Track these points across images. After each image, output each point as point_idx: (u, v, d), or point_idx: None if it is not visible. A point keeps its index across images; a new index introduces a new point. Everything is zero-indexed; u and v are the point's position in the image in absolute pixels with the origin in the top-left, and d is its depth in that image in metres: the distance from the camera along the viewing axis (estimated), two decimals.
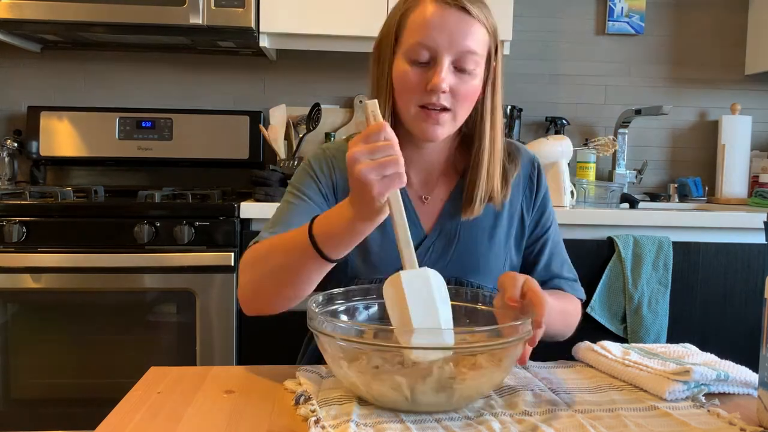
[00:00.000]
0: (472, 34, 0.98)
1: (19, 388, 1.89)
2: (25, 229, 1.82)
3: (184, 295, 1.88)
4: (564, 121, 2.57)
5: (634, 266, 1.97)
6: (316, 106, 2.41)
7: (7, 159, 2.37)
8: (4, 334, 1.87)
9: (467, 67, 0.98)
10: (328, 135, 2.45)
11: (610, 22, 2.64)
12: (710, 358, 0.96)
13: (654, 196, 2.62)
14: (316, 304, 0.86)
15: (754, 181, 2.57)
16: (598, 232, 2.01)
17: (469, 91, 1.00)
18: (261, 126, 2.41)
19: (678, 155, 2.72)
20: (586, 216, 2.01)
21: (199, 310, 1.88)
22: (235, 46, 2.41)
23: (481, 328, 0.82)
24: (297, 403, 0.79)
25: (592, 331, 1.97)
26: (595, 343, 1.01)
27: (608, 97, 2.68)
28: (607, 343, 1.00)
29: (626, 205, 2.43)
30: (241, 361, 1.91)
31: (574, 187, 2.23)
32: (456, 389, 0.75)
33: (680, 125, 2.71)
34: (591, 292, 1.98)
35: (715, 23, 2.68)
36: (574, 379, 0.91)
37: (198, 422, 0.74)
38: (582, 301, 1.17)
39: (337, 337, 0.75)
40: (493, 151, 1.06)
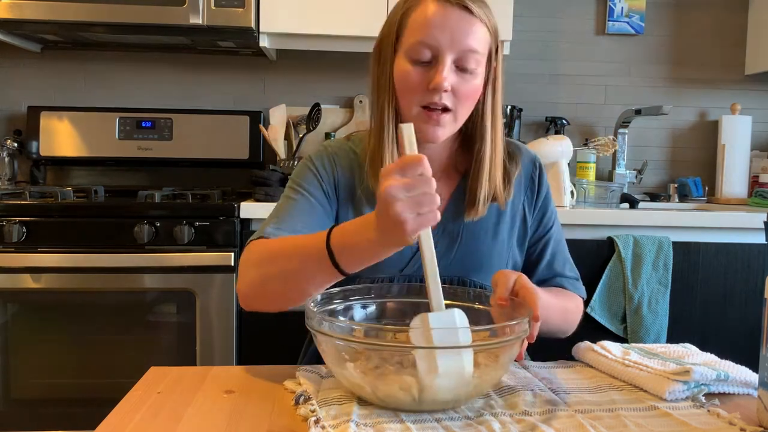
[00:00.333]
0: (473, 33, 0.97)
1: (19, 388, 1.89)
2: (25, 229, 1.82)
3: (184, 295, 1.88)
4: (564, 121, 2.57)
5: (634, 266, 1.97)
6: (316, 106, 2.41)
7: (7, 159, 2.37)
8: (4, 334, 1.87)
9: (469, 66, 0.98)
10: (328, 135, 2.45)
11: (610, 22, 2.64)
12: (710, 358, 0.95)
13: (654, 196, 2.62)
14: (314, 303, 0.86)
15: (754, 181, 2.57)
16: (598, 232, 2.01)
17: (471, 91, 1.00)
18: (261, 126, 2.41)
19: (678, 155, 2.72)
20: (586, 216, 2.01)
21: (199, 310, 1.88)
22: (235, 46, 2.41)
23: (479, 328, 0.82)
24: (297, 403, 0.79)
25: (592, 331, 1.97)
26: (595, 343, 1.01)
27: (608, 97, 2.68)
28: (607, 343, 1.00)
29: (626, 205, 2.43)
30: (241, 361, 1.91)
31: (574, 187, 2.23)
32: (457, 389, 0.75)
33: (680, 125, 2.71)
34: (591, 292, 1.98)
35: (715, 23, 2.68)
36: (574, 379, 0.91)
37: (198, 422, 0.74)
38: (583, 299, 1.17)
39: (335, 337, 0.75)
40: (494, 152, 1.06)
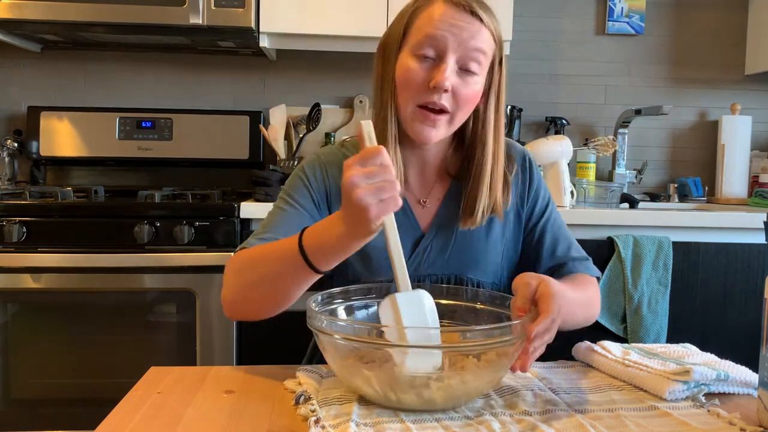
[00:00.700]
0: (479, 36, 0.98)
1: (19, 388, 1.89)
2: (25, 229, 1.82)
3: (184, 295, 1.88)
4: (564, 121, 2.57)
5: (634, 266, 1.97)
6: (316, 106, 2.41)
7: (7, 159, 2.37)
8: (4, 334, 1.87)
9: (471, 68, 0.98)
10: (328, 135, 2.45)
11: (610, 22, 2.64)
12: (710, 358, 0.96)
13: (654, 196, 2.62)
14: (316, 303, 0.86)
15: (754, 181, 2.57)
16: (598, 232, 2.01)
17: (470, 95, 1.00)
18: (261, 126, 2.41)
19: (678, 155, 2.72)
20: (586, 216, 2.01)
21: (199, 310, 1.88)
22: (235, 46, 2.41)
23: (479, 328, 0.82)
24: (297, 403, 0.79)
25: (592, 331, 1.94)
26: (595, 343, 1.01)
27: (608, 97, 2.68)
28: (607, 343, 1.00)
29: (626, 205, 2.43)
30: (241, 361, 1.91)
31: (574, 187, 2.23)
32: (460, 386, 0.75)
33: (680, 125, 2.71)
34: None
35: (715, 23, 2.68)
36: (574, 379, 0.91)
37: (198, 422, 0.74)
38: (599, 278, 1.16)
39: (337, 336, 0.75)
40: (496, 163, 1.05)
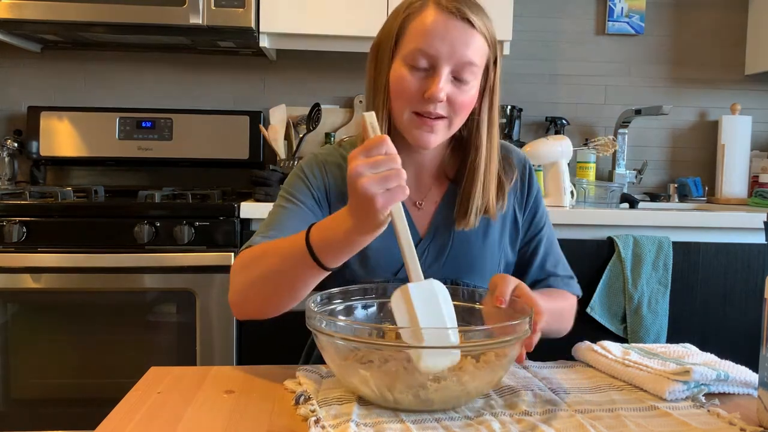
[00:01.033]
0: (472, 45, 0.97)
1: (19, 388, 1.89)
2: (25, 229, 1.82)
3: (184, 295, 1.88)
4: (564, 121, 2.57)
5: (634, 266, 1.97)
6: (316, 106, 2.41)
7: (7, 159, 2.37)
8: (4, 334, 1.87)
9: (465, 77, 0.98)
10: (328, 135, 2.45)
11: (610, 22, 2.64)
12: (710, 358, 0.96)
13: (654, 196, 2.62)
14: (315, 303, 0.86)
15: (754, 181, 2.57)
16: (598, 232, 2.01)
17: (466, 101, 1.00)
18: (261, 126, 2.41)
19: (678, 155, 2.72)
20: (586, 216, 2.00)
21: (199, 310, 1.88)
22: (235, 46, 2.41)
23: (479, 328, 0.82)
24: (297, 403, 0.79)
25: (592, 331, 1.97)
26: (595, 343, 1.01)
27: (608, 97, 2.68)
28: (607, 343, 1.00)
29: (626, 205, 2.43)
30: (241, 361, 1.91)
31: (574, 187, 2.23)
32: (458, 387, 0.75)
33: (680, 125, 2.71)
34: (591, 292, 1.98)
35: (715, 23, 2.68)
36: (574, 379, 0.91)
37: (198, 422, 0.74)
38: (578, 297, 1.17)
39: (336, 336, 0.75)
40: (489, 164, 1.06)
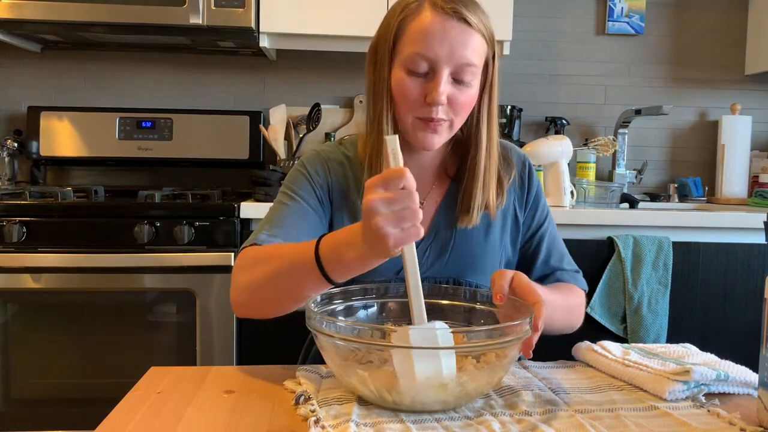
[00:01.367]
0: (471, 45, 0.97)
1: (19, 388, 1.89)
2: (25, 229, 1.82)
3: (184, 295, 1.88)
4: (564, 121, 2.57)
5: (634, 266, 1.97)
6: (316, 106, 2.41)
7: (7, 159, 2.37)
8: (4, 334, 1.87)
9: (465, 78, 0.98)
10: (328, 135, 2.45)
11: (610, 22, 2.64)
12: (710, 358, 0.95)
13: (654, 196, 2.62)
14: (315, 303, 0.86)
15: (754, 181, 2.57)
16: (598, 232, 2.01)
17: (466, 101, 1.00)
18: (261, 126, 2.41)
19: (678, 155, 2.72)
20: (586, 216, 2.01)
21: (199, 310, 1.88)
22: (235, 46, 2.41)
23: (479, 329, 0.82)
24: (297, 403, 0.79)
25: (592, 331, 1.97)
26: (595, 343, 1.01)
27: (608, 97, 2.68)
28: (607, 343, 1.00)
29: (626, 205, 2.43)
30: (241, 361, 1.91)
31: (574, 187, 2.23)
32: (456, 388, 0.75)
33: (680, 125, 2.71)
34: (591, 292, 1.97)
35: (715, 23, 2.68)
36: (574, 379, 0.91)
37: (198, 422, 0.74)
38: (585, 291, 1.16)
39: (336, 337, 0.75)
40: (489, 160, 1.06)
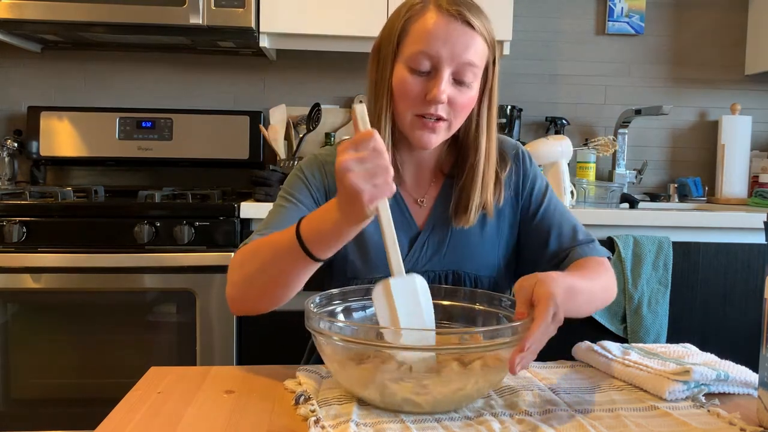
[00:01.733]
0: (473, 47, 1.00)
1: (19, 388, 1.89)
2: (25, 229, 1.82)
3: (184, 295, 1.88)
4: (564, 121, 2.57)
5: (634, 266, 1.97)
6: (316, 106, 2.41)
7: (7, 159, 2.37)
8: (4, 334, 1.87)
9: (466, 79, 1.00)
10: (328, 135, 2.45)
11: (610, 22, 2.64)
12: (710, 358, 0.96)
13: (654, 196, 2.62)
14: (314, 304, 0.86)
15: (754, 181, 2.57)
16: (598, 232, 2.01)
17: (466, 102, 1.02)
18: (261, 126, 2.41)
19: (678, 155, 2.72)
20: (586, 216, 2.00)
21: (199, 310, 1.88)
22: (235, 46, 2.41)
23: (479, 329, 0.82)
24: (297, 403, 0.79)
25: (592, 331, 1.97)
26: (595, 343, 1.01)
27: (608, 97, 2.68)
28: (607, 343, 1.00)
29: (626, 205, 2.43)
30: (241, 361, 1.91)
31: (574, 187, 2.23)
32: (451, 392, 0.75)
33: (680, 125, 2.71)
34: None
35: (715, 23, 2.68)
36: (574, 379, 0.91)
37: (198, 422, 0.74)
38: (609, 258, 1.11)
39: (335, 337, 0.75)
40: (488, 163, 1.08)
